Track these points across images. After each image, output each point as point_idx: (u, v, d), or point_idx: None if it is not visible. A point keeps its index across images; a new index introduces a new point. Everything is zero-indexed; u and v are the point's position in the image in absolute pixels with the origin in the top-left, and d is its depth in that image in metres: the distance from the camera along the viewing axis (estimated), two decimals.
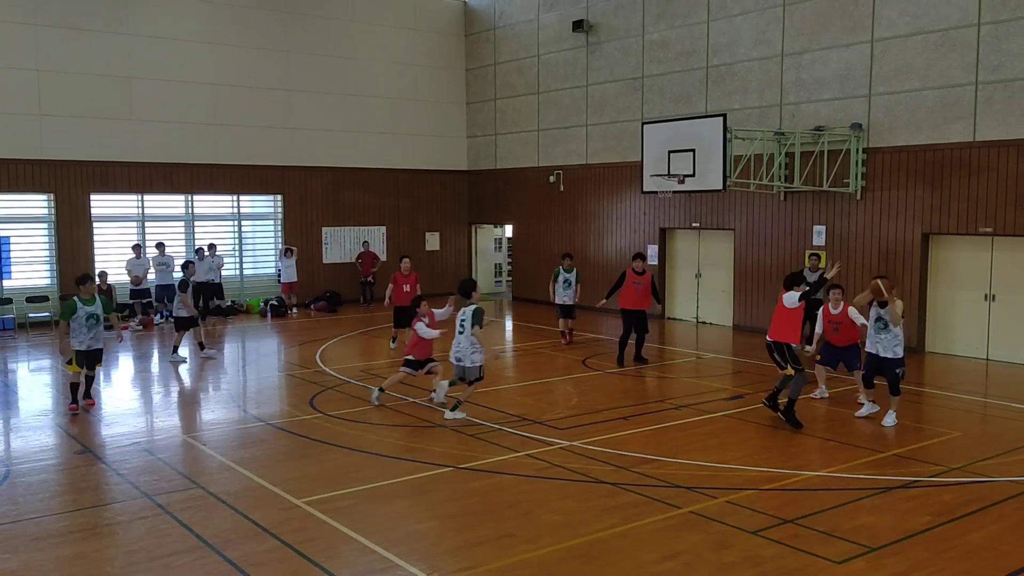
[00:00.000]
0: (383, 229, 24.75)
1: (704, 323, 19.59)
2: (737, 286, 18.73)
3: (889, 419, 10.56)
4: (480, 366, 10.97)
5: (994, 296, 15.00)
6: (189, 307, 15.18)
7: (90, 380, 11.85)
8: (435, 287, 24.98)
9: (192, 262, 16.65)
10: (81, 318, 11.55)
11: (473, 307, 10.82)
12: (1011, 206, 14.39)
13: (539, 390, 12.82)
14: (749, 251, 18.39)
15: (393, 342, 16.33)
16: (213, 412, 12.01)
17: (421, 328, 11.55)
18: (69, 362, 11.63)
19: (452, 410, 10.91)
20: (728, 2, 18.44)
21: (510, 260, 26.28)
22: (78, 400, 11.56)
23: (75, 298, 11.74)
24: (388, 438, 10.09)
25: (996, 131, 14.52)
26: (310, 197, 23.41)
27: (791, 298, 10.66)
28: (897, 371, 10.51)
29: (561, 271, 16.62)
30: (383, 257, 24.38)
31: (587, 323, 19.06)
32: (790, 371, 10.55)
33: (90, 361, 11.67)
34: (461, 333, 10.83)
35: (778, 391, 10.82)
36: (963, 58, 14.84)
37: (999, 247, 14.92)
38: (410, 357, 11.65)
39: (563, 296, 16.59)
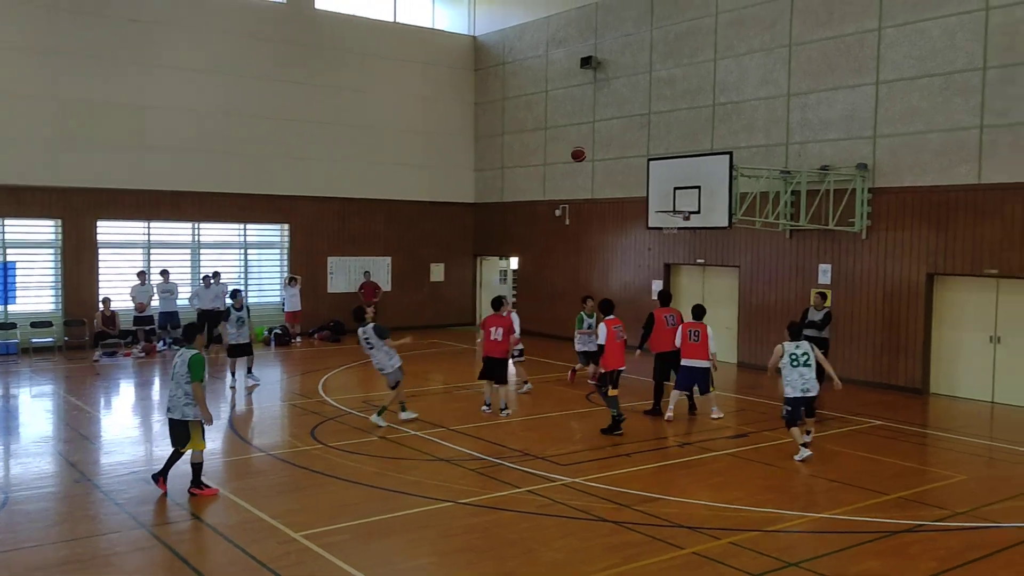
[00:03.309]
0: (388, 260, 24.80)
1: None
2: (742, 323, 18.68)
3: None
4: (399, 367, 12.67)
5: (999, 338, 14.94)
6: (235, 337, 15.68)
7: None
8: (440, 318, 25.06)
9: (239, 291, 16.65)
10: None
11: (372, 325, 12.59)
12: (1016, 248, 14.38)
13: (542, 425, 12.74)
14: (754, 288, 18.37)
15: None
16: (214, 441, 11.90)
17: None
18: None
19: (379, 414, 12.36)
20: (735, 42, 18.61)
21: (515, 292, 26.28)
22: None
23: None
24: (388, 471, 10.03)
25: (1001, 174, 14.55)
26: (317, 226, 23.50)
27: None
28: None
29: (583, 316, 15.42)
30: (387, 287, 24.41)
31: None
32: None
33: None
34: (372, 348, 12.59)
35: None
36: (968, 102, 14.92)
37: (1004, 289, 14.89)
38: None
39: (587, 343, 15.25)
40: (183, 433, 9.13)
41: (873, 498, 9.25)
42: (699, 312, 13.50)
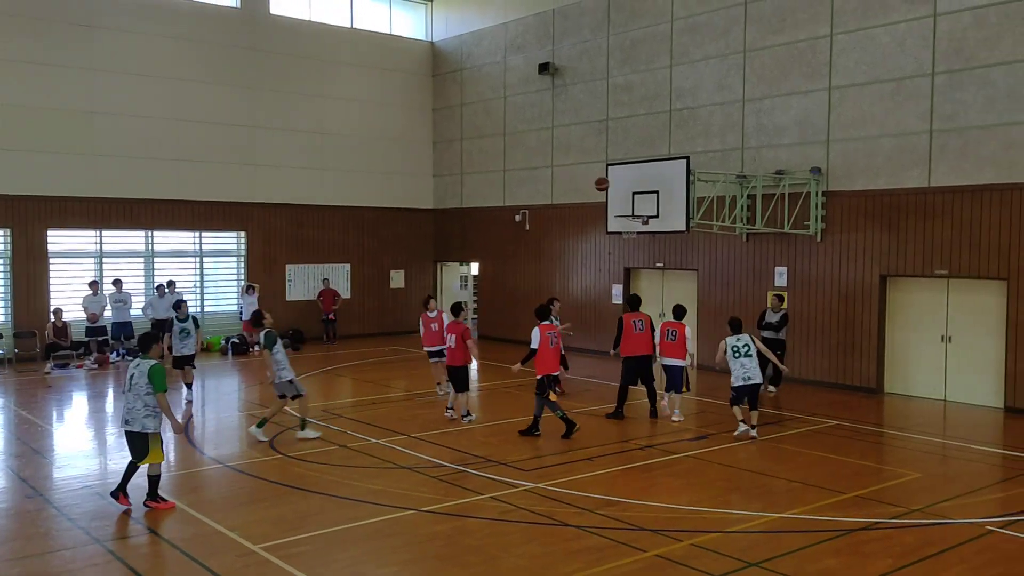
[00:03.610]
0: (348, 267, 24.62)
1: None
2: (701, 325, 18.85)
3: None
4: (288, 381, 11.94)
5: (950, 337, 15.27)
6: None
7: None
8: (399, 325, 24.92)
9: (183, 301, 15.58)
10: None
11: (265, 331, 12.01)
12: (964, 249, 14.73)
13: (504, 430, 12.72)
14: (712, 291, 18.56)
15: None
16: (169, 454, 11.71)
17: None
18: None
19: (259, 426, 11.91)
20: (690, 48, 18.81)
21: (476, 298, 26.24)
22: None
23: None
24: (349, 480, 9.93)
25: (950, 177, 14.90)
26: (274, 234, 23.24)
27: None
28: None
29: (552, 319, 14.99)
30: (346, 295, 24.23)
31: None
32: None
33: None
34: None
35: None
36: (918, 107, 15.25)
37: (954, 289, 15.23)
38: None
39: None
40: (142, 446, 8.90)
41: (831, 497, 9.39)
42: (679, 312, 13.80)
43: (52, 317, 19.27)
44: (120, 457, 11.43)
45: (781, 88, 17.17)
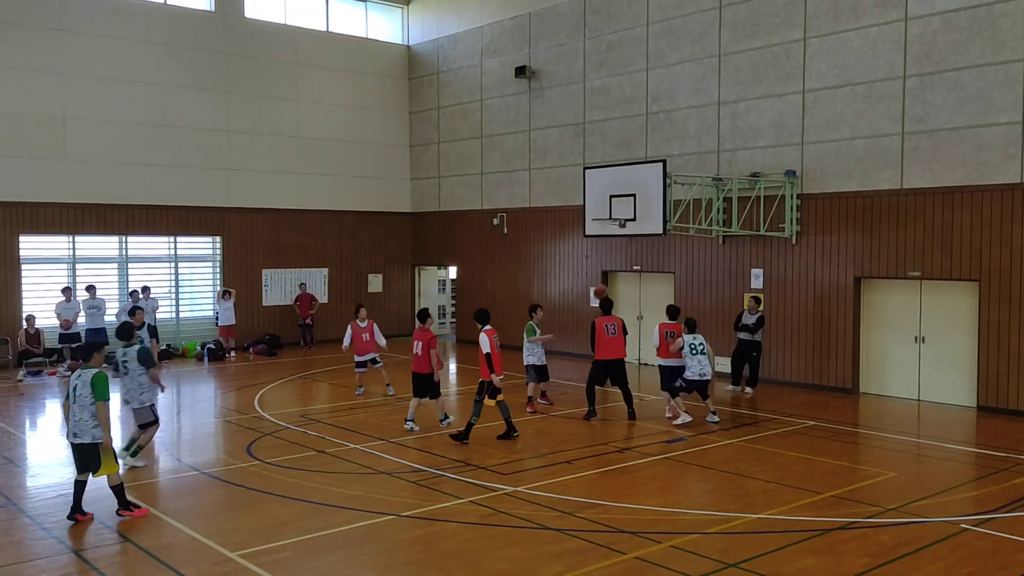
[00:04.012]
0: (325, 271, 24.50)
1: (645, 365, 19.74)
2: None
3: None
4: (150, 407, 10.69)
5: (924, 338, 15.44)
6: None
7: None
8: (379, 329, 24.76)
9: (140, 307, 15.42)
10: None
11: (138, 348, 10.71)
12: (937, 250, 14.91)
13: (482, 435, 12.69)
14: (689, 293, 18.66)
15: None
16: (144, 461, 11.59)
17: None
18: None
19: (132, 455, 10.76)
20: (666, 52, 18.92)
21: (454, 302, 26.21)
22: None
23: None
24: (327, 486, 9.87)
25: (922, 179, 15.08)
26: (250, 239, 23.09)
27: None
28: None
29: (533, 326, 14.45)
30: (324, 299, 24.12)
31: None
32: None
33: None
34: (127, 374, 10.63)
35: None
36: (890, 109, 15.43)
37: (927, 290, 15.41)
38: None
39: (534, 356, 14.42)
40: (94, 457, 8.59)
41: (808, 497, 9.46)
42: (674, 313, 14.11)
43: (24, 324, 19.02)
44: None
45: (756, 91, 17.31)
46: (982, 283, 14.46)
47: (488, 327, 12.44)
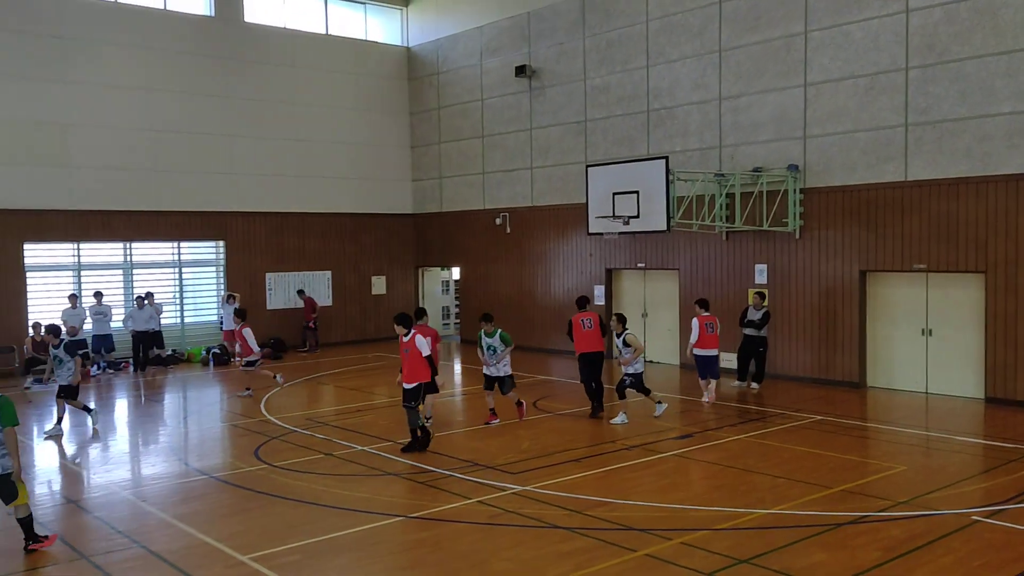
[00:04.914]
0: (328, 274, 24.51)
1: (651, 362, 19.71)
2: (683, 325, 18.90)
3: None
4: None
5: (931, 331, 15.40)
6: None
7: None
8: (382, 332, 24.82)
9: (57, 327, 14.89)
10: None
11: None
12: (942, 243, 14.87)
13: (489, 434, 12.69)
14: (694, 290, 18.61)
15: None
16: (153, 466, 11.62)
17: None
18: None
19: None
20: (666, 48, 18.89)
21: (458, 302, 26.20)
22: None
23: None
24: (335, 488, 9.87)
25: (926, 171, 15.04)
26: (253, 243, 23.10)
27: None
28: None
29: (482, 336, 13.34)
30: (327, 302, 24.13)
31: (539, 365, 19.02)
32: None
33: None
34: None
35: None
36: (892, 101, 15.39)
37: (932, 283, 15.36)
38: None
39: (490, 366, 13.32)
40: (8, 488, 7.84)
41: (817, 492, 9.43)
42: (705, 304, 15.13)
43: (31, 331, 19.04)
44: (102, 471, 11.30)
45: (757, 85, 17.28)
46: (988, 274, 14.41)
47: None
